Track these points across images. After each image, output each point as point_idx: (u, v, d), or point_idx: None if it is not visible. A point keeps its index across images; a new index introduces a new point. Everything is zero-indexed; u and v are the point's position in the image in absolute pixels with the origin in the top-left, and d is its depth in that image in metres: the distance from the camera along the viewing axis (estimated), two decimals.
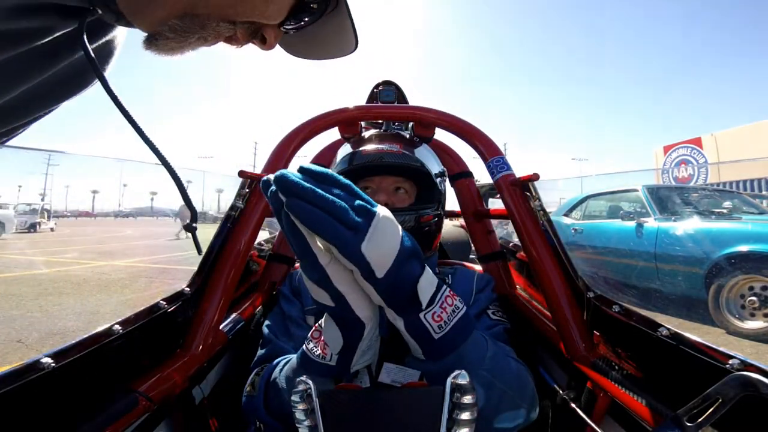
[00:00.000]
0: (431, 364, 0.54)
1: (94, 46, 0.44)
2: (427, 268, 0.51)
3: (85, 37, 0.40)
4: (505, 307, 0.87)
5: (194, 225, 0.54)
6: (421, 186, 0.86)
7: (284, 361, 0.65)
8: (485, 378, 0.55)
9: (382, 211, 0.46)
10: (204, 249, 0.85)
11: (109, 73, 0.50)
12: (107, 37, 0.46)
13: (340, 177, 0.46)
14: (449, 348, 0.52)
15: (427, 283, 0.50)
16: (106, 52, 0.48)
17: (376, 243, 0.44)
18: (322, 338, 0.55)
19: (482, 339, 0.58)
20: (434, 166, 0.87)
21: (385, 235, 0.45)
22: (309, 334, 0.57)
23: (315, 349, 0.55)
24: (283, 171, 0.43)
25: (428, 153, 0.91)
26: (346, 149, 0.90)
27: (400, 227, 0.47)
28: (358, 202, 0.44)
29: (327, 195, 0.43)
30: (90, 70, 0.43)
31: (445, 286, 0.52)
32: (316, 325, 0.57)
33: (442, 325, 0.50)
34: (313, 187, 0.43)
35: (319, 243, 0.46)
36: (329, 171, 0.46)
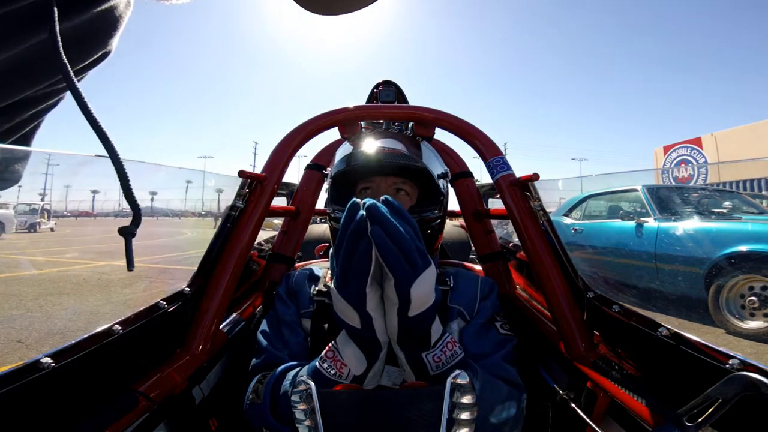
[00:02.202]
0: None
1: (83, 18, 0.38)
2: (437, 318, 0.58)
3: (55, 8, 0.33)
4: (505, 307, 0.87)
5: (134, 230, 0.40)
6: (423, 187, 0.84)
7: (293, 372, 0.64)
8: None
9: (432, 261, 0.54)
10: (204, 250, 0.85)
11: (114, 51, 0.46)
12: (104, 6, 0.39)
13: (411, 217, 0.54)
14: (440, 382, 0.57)
15: (436, 329, 0.57)
16: (105, 24, 0.41)
17: (422, 288, 0.51)
18: (339, 358, 0.57)
19: (471, 372, 0.60)
20: (437, 166, 0.85)
21: (430, 283, 0.53)
22: (323, 354, 0.59)
23: (330, 369, 0.57)
24: (374, 201, 0.51)
25: (431, 153, 0.88)
26: (345, 148, 0.89)
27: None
28: (419, 244, 0.52)
29: (404, 232, 0.51)
30: (87, 48, 0.39)
31: (448, 334, 0.60)
32: (330, 345, 0.59)
33: (440, 365, 0.57)
34: (395, 222, 0.50)
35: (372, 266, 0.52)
36: (404, 209, 0.54)
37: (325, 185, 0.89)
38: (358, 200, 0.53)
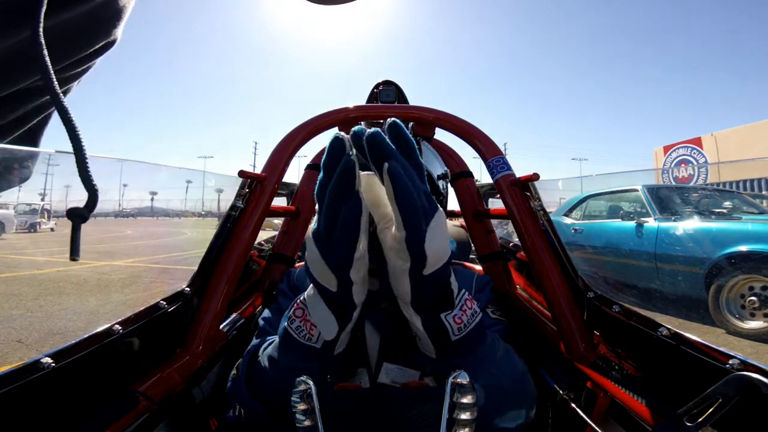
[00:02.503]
0: (441, 362, 0.54)
1: (86, 7, 0.38)
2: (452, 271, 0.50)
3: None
4: (505, 306, 0.87)
5: (86, 214, 0.35)
6: None
7: (268, 342, 0.62)
8: (494, 376, 0.55)
9: (438, 206, 0.45)
10: (204, 250, 0.85)
11: (119, 43, 0.45)
12: None
13: (418, 155, 0.44)
14: (464, 350, 0.52)
15: (454, 285, 0.49)
16: (108, 13, 0.41)
17: (437, 240, 0.43)
18: (309, 318, 0.51)
19: (495, 338, 0.57)
20: (437, 167, 0.85)
21: (442, 231, 0.44)
22: (291, 312, 0.52)
23: (300, 330, 0.51)
24: (377, 129, 0.40)
25: (431, 154, 0.89)
26: None
27: None
28: (425, 187, 0.43)
29: (415, 172, 0.41)
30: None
31: (464, 290, 0.52)
32: (298, 301, 0.52)
33: (461, 327, 0.50)
34: (403, 160, 0.40)
35: (362, 231, 0.43)
36: (415, 144, 0.43)
37: None
38: (343, 134, 0.41)
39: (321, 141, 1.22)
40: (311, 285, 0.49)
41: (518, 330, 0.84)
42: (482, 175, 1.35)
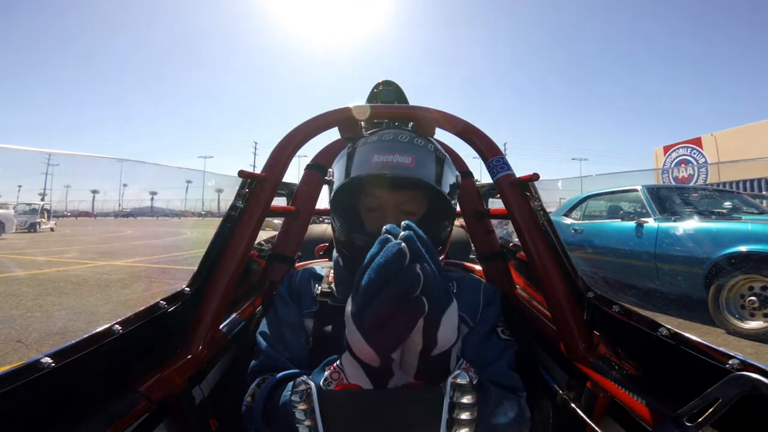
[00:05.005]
0: None
1: None
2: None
3: None
4: (505, 307, 0.87)
5: None
6: (433, 199, 0.79)
7: (292, 383, 0.59)
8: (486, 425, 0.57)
9: (454, 298, 0.51)
10: (204, 250, 0.85)
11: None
12: None
13: (435, 253, 0.50)
14: None
15: (453, 358, 0.54)
16: None
17: (448, 329, 0.49)
18: (345, 382, 0.52)
19: (489, 392, 0.58)
20: (450, 177, 0.78)
21: (455, 322, 0.50)
22: (328, 375, 0.54)
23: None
24: (411, 234, 0.46)
25: (446, 166, 0.79)
26: (350, 153, 0.81)
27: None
28: (443, 282, 0.49)
29: (436, 272, 0.47)
30: None
31: (462, 360, 0.56)
32: (335, 365, 0.54)
33: None
34: (431, 263, 0.46)
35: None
36: (429, 241, 0.49)
37: (326, 186, 0.89)
38: (403, 245, 0.44)
39: (321, 141, 1.22)
40: (349, 355, 0.52)
41: (518, 330, 0.84)
42: (482, 175, 1.35)
